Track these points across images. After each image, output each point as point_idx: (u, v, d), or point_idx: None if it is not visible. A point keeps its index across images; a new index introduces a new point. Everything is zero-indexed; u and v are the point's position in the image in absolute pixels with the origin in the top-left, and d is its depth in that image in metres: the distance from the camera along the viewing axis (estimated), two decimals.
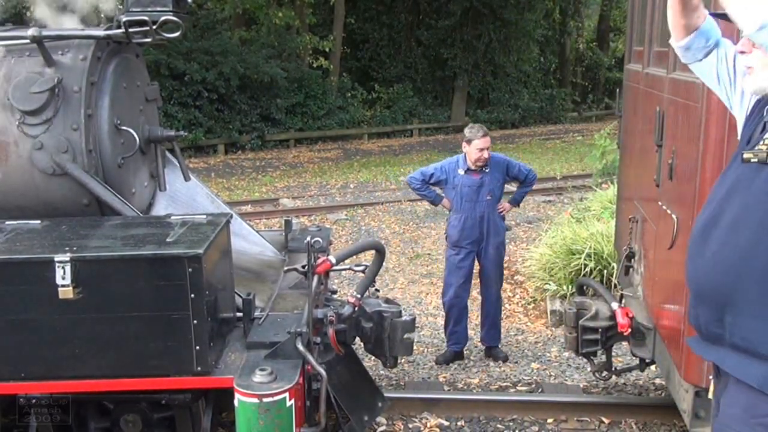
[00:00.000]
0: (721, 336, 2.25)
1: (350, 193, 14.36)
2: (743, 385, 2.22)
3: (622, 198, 5.62)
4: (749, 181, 2.19)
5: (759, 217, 2.13)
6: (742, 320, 2.18)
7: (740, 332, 2.19)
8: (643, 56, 4.75)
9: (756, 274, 2.13)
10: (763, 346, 2.14)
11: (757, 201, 2.15)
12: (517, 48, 26.60)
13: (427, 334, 6.73)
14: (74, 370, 3.19)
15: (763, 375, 2.16)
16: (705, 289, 2.28)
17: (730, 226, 2.20)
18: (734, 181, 2.27)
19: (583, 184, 12.60)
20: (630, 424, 4.76)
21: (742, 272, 2.16)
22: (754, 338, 2.16)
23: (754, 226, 2.14)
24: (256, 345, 3.46)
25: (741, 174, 2.24)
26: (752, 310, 2.15)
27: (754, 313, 2.15)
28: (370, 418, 4.39)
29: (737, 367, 2.23)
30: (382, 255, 4.11)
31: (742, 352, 2.21)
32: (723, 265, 2.21)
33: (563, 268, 6.97)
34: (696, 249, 2.33)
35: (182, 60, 19.06)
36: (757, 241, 2.13)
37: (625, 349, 5.31)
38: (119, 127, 4.01)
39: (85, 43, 3.95)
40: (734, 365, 2.24)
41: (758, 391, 2.17)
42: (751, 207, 2.16)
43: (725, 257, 2.20)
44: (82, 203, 3.86)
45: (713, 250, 2.25)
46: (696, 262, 2.32)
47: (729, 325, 2.21)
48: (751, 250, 2.14)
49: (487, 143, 5.76)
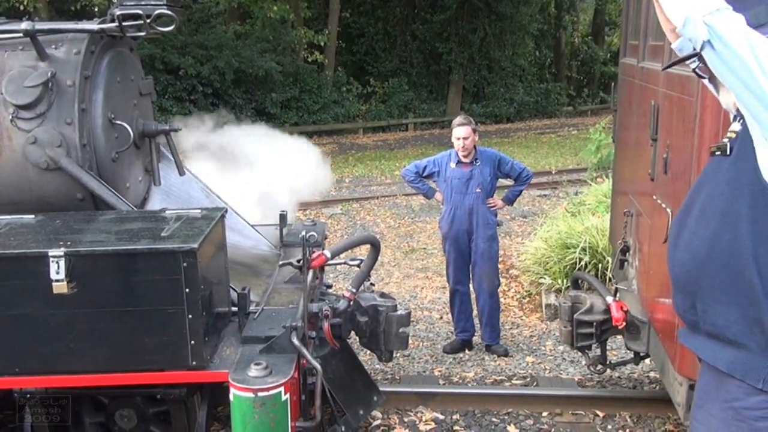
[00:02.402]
0: (696, 323, 2.31)
1: (345, 188, 14.36)
2: (714, 371, 2.27)
3: (617, 192, 5.63)
4: (714, 173, 2.26)
5: (721, 207, 2.18)
6: (710, 307, 2.23)
7: (710, 318, 2.24)
8: (638, 50, 4.76)
9: (720, 261, 2.18)
10: (729, 331, 2.19)
11: (720, 191, 2.20)
12: (512, 42, 26.61)
13: (422, 328, 6.74)
14: (69, 365, 3.19)
15: (731, 360, 2.20)
16: (680, 278, 2.35)
17: (698, 216, 2.27)
18: (704, 173, 2.35)
19: (578, 179, 12.62)
20: (624, 417, 4.78)
21: (708, 260, 2.21)
22: (721, 324, 2.21)
23: (717, 216, 2.19)
24: (252, 339, 3.46)
25: (710, 166, 2.32)
26: (717, 296, 2.20)
27: (719, 299, 2.20)
28: (366, 412, 4.40)
29: (708, 353, 2.29)
30: (377, 249, 4.12)
31: (713, 338, 2.26)
32: (692, 254, 2.27)
33: (558, 262, 6.99)
34: (673, 239, 2.40)
35: (177, 54, 19.02)
36: (719, 229, 2.18)
37: (620, 342, 5.33)
38: (113, 122, 4.00)
39: (79, 37, 3.93)
40: (706, 351, 2.30)
41: (728, 375, 2.21)
42: (715, 197, 2.21)
43: (694, 246, 2.26)
44: (77, 198, 3.85)
45: (685, 240, 2.31)
46: (672, 252, 2.38)
47: (700, 312, 2.27)
48: (714, 238, 2.19)
49: (465, 132, 5.81)
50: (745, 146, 2.13)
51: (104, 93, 3.94)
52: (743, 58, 1.94)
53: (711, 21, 1.94)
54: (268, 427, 3.05)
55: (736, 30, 1.94)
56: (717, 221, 2.19)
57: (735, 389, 2.21)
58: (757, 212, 2.10)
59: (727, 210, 2.17)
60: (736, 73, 1.96)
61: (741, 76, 1.96)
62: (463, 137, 5.81)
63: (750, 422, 2.18)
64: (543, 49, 29.66)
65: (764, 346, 2.13)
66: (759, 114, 2.00)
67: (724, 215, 2.17)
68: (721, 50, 1.96)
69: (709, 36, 1.95)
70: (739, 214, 2.13)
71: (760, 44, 1.95)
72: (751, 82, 1.95)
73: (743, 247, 2.12)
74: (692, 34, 1.99)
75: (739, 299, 2.15)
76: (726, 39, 1.94)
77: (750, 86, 1.96)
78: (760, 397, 2.16)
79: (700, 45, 1.99)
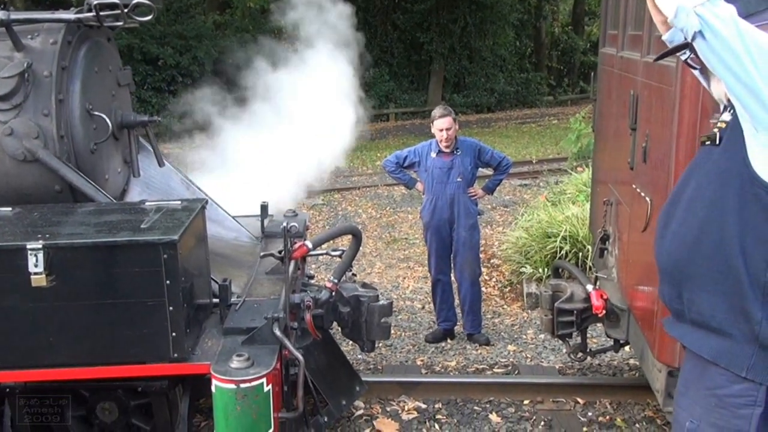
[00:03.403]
0: (682, 312, 2.33)
1: (326, 178, 14.31)
2: (699, 359, 2.30)
3: (596, 181, 5.67)
4: (704, 162, 2.27)
5: (709, 196, 2.20)
6: (696, 295, 2.26)
7: (695, 307, 2.27)
8: (618, 40, 4.78)
9: (706, 250, 2.20)
10: (715, 320, 2.22)
11: (708, 181, 2.22)
12: (492, 32, 26.61)
13: (404, 318, 6.76)
14: (49, 359, 3.16)
15: (715, 348, 2.23)
16: (666, 266, 2.37)
17: (686, 205, 2.29)
18: (694, 162, 2.36)
19: (559, 168, 12.67)
20: (604, 404, 4.83)
21: (695, 249, 2.23)
22: (707, 312, 2.23)
23: (705, 205, 2.21)
24: (233, 331, 3.45)
25: (699, 155, 2.34)
26: (704, 285, 2.23)
27: (705, 288, 2.22)
28: (348, 402, 4.41)
29: (693, 342, 2.31)
30: (358, 240, 4.12)
31: (698, 327, 2.28)
32: (680, 243, 2.29)
33: (539, 251, 7.03)
34: (660, 229, 2.42)
35: (155, 44, 18.83)
36: (707, 219, 2.20)
37: (600, 330, 5.38)
38: (91, 113, 3.95)
39: (55, 26, 3.88)
40: (691, 340, 2.33)
41: (712, 363, 2.24)
42: (704, 186, 2.23)
43: (682, 235, 2.28)
44: (55, 190, 3.81)
45: (673, 229, 2.33)
46: (660, 241, 2.40)
47: (686, 300, 2.29)
48: (702, 227, 2.21)
49: (447, 123, 5.82)
50: (735, 136, 2.14)
51: (82, 83, 3.89)
52: (734, 49, 1.94)
53: (702, 11, 1.94)
54: (250, 419, 3.05)
55: (727, 20, 1.94)
56: (705, 211, 2.21)
57: (718, 377, 2.23)
58: (745, 202, 2.11)
59: (715, 200, 2.18)
60: (727, 63, 1.97)
61: (732, 67, 1.97)
62: (446, 128, 5.82)
63: (732, 409, 2.21)
64: (523, 38, 29.68)
65: (748, 335, 2.15)
66: (749, 104, 2.01)
67: (712, 205, 2.19)
68: (712, 41, 1.96)
69: (701, 26, 1.95)
70: (727, 204, 2.14)
71: (750, 34, 1.95)
72: (741, 72, 1.96)
73: (730, 237, 2.14)
74: (684, 25, 1.99)
75: (725, 288, 2.17)
76: (717, 29, 1.94)
77: (740, 77, 1.97)
78: (743, 384, 2.18)
79: (691, 36, 1.99)
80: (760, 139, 2.05)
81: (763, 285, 2.11)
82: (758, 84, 1.96)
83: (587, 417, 4.70)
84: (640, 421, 4.62)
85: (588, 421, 4.64)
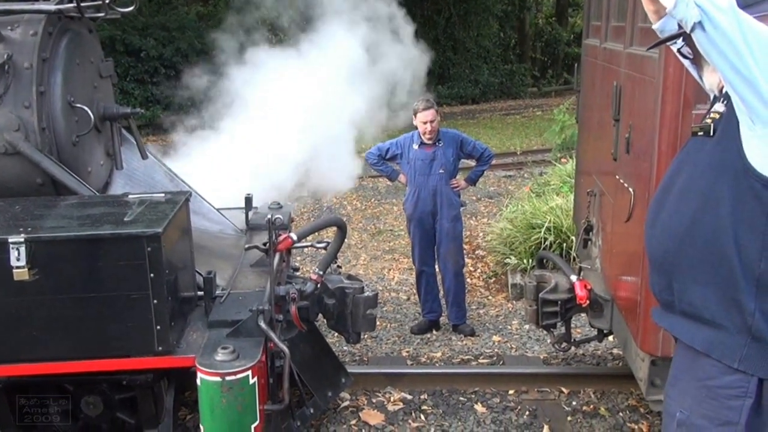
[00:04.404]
0: (672, 303, 2.34)
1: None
2: (690, 350, 2.31)
3: (580, 172, 5.69)
4: (696, 153, 2.27)
5: (702, 188, 2.20)
6: (688, 286, 2.26)
7: (686, 298, 2.28)
8: (601, 31, 4.79)
9: (699, 241, 2.21)
10: (707, 311, 2.22)
11: (701, 172, 2.22)
12: (477, 23, 26.59)
13: (389, 309, 6.77)
14: (32, 353, 3.14)
15: (707, 339, 2.24)
16: (657, 257, 2.37)
17: (678, 196, 2.29)
18: (685, 153, 2.36)
19: (543, 159, 12.72)
20: (588, 394, 4.87)
21: (687, 240, 2.24)
22: (698, 303, 2.24)
23: (698, 196, 2.21)
24: (218, 323, 3.45)
25: (691, 146, 2.33)
26: (695, 277, 2.23)
27: (697, 280, 2.23)
28: (334, 394, 4.42)
29: (685, 333, 2.32)
30: (343, 231, 4.11)
31: (689, 318, 2.29)
32: (671, 233, 2.29)
33: (523, 242, 7.05)
34: (651, 219, 2.42)
35: (138, 36, 18.67)
36: (700, 210, 2.20)
37: (584, 320, 5.41)
38: (73, 105, 3.91)
39: (36, 17, 3.84)
40: (682, 331, 2.33)
41: (703, 354, 2.25)
42: (696, 177, 2.23)
43: (673, 226, 2.29)
44: (36, 183, 3.78)
45: (664, 220, 2.34)
46: (650, 231, 2.40)
47: (677, 291, 2.30)
48: (694, 218, 2.22)
49: (431, 116, 5.81)
50: (730, 128, 2.13)
51: (63, 75, 3.85)
52: (734, 41, 1.93)
53: (702, 2, 1.92)
54: (235, 411, 3.05)
55: (727, 11, 1.93)
56: (697, 202, 2.20)
57: (710, 368, 2.24)
58: (739, 194, 2.11)
59: (709, 191, 2.18)
60: (726, 55, 1.96)
61: (730, 59, 1.96)
62: (430, 120, 5.81)
63: (722, 400, 2.22)
64: (507, 30, 29.67)
65: (741, 326, 2.16)
66: (747, 97, 2.00)
67: (705, 196, 2.18)
68: (711, 32, 1.94)
69: (701, 17, 1.93)
70: (721, 195, 2.14)
71: (750, 26, 1.94)
72: (740, 64, 1.95)
73: (724, 228, 2.14)
74: (683, 16, 1.97)
75: (718, 280, 2.17)
76: (717, 20, 1.92)
77: (739, 69, 1.96)
78: (734, 376, 2.19)
79: (690, 26, 1.97)
80: (756, 132, 2.05)
81: (756, 276, 2.11)
82: (756, 76, 1.95)
83: (572, 406, 4.73)
84: (624, 410, 4.66)
85: (572, 411, 4.68)
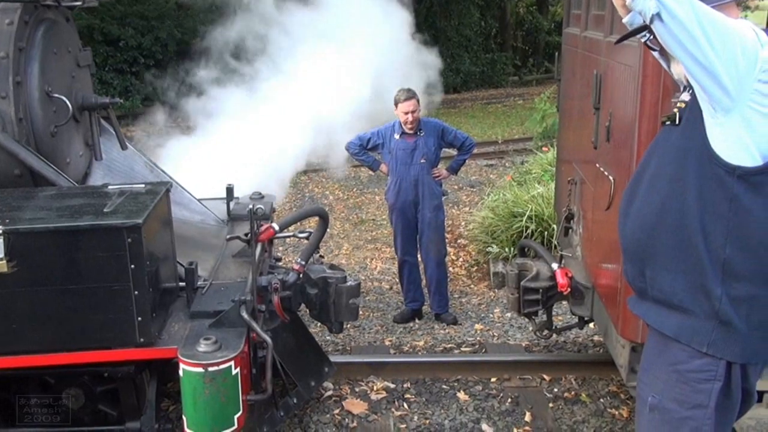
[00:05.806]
0: (645, 290, 2.38)
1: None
2: (661, 336, 2.35)
3: (561, 160, 5.71)
4: (664, 142, 2.32)
5: (670, 175, 2.24)
6: (658, 273, 2.30)
7: (657, 285, 2.32)
8: (581, 20, 4.80)
9: (668, 228, 2.25)
10: (676, 297, 2.26)
11: (669, 159, 2.26)
12: (458, 12, 26.56)
13: (372, 299, 6.78)
14: (12, 346, 3.11)
15: (676, 324, 2.29)
16: (629, 245, 2.41)
17: (648, 185, 2.33)
18: (655, 142, 2.40)
19: (524, 148, 12.76)
20: (570, 380, 4.91)
21: (657, 227, 2.28)
22: (668, 290, 2.28)
23: (666, 184, 2.25)
24: (200, 314, 3.43)
25: (660, 136, 2.38)
26: (665, 263, 2.27)
27: (667, 266, 2.27)
28: (317, 383, 4.43)
29: (656, 319, 2.37)
30: (325, 221, 4.11)
31: (660, 304, 2.34)
32: (642, 221, 2.33)
33: (505, 230, 7.08)
34: (623, 209, 2.46)
35: (116, 25, 18.50)
36: (668, 197, 2.24)
37: (565, 308, 5.45)
38: (50, 95, 3.87)
39: (11, 6, 3.78)
40: (654, 317, 2.38)
41: (673, 340, 2.30)
42: (664, 165, 2.27)
43: (644, 213, 2.32)
44: (14, 174, 3.73)
45: (635, 208, 2.38)
46: (623, 221, 2.44)
47: (649, 278, 2.34)
48: (663, 206, 2.26)
49: (412, 106, 5.81)
50: (694, 116, 2.17)
51: (40, 65, 3.81)
52: (691, 31, 1.97)
53: None
54: (218, 402, 3.04)
55: (683, 2, 1.96)
56: (666, 189, 2.24)
57: (680, 353, 2.29)
58: (704, 181, 2.15)
59: (676, 178, 2.22)
60: (684, 45, 1.99)
61: (689, 49, 1.99)
62: (411, 111, 5.81)
63: (693, 384, 2.27)
64: (488, 18, 29.64)
65: (709, 312, 2.20)
66: (707, 85, 2.04)
67: (673, 183, 2.22)
68: (669, 23, 1.98)
69: (658, 9, 1.97)
70: (687, 182, 2.18)
71: (707, 16, 1.98)
72: (698, 54, 1.99)
73: (691, 215, 2.18)
74: (641, 8, 2.01)
75: (686, 266, 2.21)
76: (674, 11, 1.96)
77: (698, 58, 2.00)
78: (703, 360, 2.24)
79: (649, 18, 2.01)
80: (717, 119, 2.09)
81: (722, 262, 2.15)
82: (715, 65, 1.99)
83: (553, 393, 4.77)
84: (605, 396, 4.71)
85: (554, 397, 4.72)
